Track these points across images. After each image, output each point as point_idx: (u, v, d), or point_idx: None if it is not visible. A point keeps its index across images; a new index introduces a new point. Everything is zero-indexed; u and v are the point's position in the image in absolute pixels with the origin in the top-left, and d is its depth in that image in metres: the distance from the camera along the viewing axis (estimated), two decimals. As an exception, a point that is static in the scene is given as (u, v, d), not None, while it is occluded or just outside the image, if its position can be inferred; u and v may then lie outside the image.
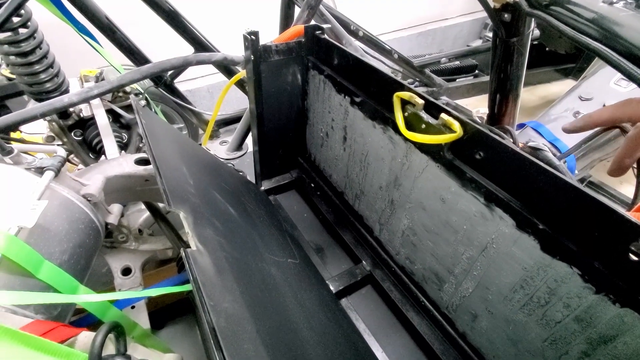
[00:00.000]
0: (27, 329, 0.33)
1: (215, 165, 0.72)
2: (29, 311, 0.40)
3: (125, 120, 0.98)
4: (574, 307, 0.36)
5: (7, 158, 0.51)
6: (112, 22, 1.03)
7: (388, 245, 0.64)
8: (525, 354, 0.43)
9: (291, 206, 0.83)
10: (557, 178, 0.34)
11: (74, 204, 0.53)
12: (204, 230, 0.40)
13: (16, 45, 0.76)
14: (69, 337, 0.35)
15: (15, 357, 0.28)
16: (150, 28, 1.29)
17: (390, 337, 0.59)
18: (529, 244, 0.38)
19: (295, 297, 0.49)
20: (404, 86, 0.48)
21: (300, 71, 0.71)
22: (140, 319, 0.63)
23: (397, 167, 0.54)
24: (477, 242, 0.44)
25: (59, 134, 0.90)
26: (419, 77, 1.47)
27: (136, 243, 0.75)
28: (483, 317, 0.47)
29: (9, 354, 0.28)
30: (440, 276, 0.53)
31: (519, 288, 0.40)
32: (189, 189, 0.47)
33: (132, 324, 0.52)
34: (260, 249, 0.52)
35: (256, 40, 0.62)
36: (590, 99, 1.13)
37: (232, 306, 0.32)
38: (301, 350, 0.39)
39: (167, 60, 0.74)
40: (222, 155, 1.03)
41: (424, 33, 2.83)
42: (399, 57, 1.37)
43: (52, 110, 0.64)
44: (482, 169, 0.41)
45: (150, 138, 0.48)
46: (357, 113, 0.60)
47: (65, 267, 0.46)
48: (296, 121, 0.79)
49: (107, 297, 0.43)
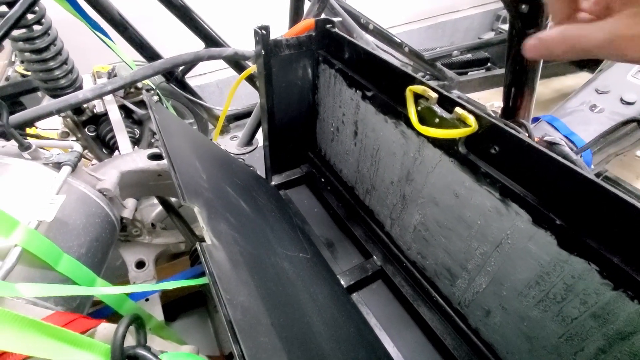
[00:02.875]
0: (48, 320, 0.34)
1: (226, 160, 0.73)
2: (49, 303, 0.42)
3: (137, 115, 0.99)
4: (591, 303, 0.36)
5: (25, 153, 0.52)
6: (125, 18, 1.04)
7: (399, 240, 0.64)
8: (539, 350, 0.43)
9: (301, 201, 0.84)
10: (576, 173, 0.33)
11: (91, 198, 0.54)
12: (218, 225, 0.41)
13: (31, 41, 0.77)
14: (89, 329, 0.36)
15: (39, 348, 0.29)
16: (162, 24, 1.29)
17: (401, 332, 0.59)
18: (545, 239, 0.37)
19: (308, 291, 0.49)
20: (417, 80, 0.47)
21: (311, 65, 0.71)
22: (155, 311, 0.64)
23: (409, 162, 0.54)
24: (491, 237, 0.44)
25: (73, 129, 0.92)
26: (430, 70, 1.45)
27: (150, 237, 0.76)
28: (496, 313, 0.47)
29: (33, 344, 0.29)
30: (452, 272, 0.53)
31: (535, 284, 0.40)
32: (202, 183, 0.47)
33: (147, 316, 0.53)
34: (272, 243, 0.53)
35: (267, 34, 0.62)
36: (607, 92, 1.10)
37: (248, 300, 0.33)
38: (315, 344, 0.39)
39: (179, 55, 0.75)
40: (233, 150, 1.03)
41: (434, 26, 2.79)
42: (409, 51, 1.36)
43: (68, 106, 0.65)
44: (498, 164, 0.41)
45: (164, 133, 0.48)
46: (369, 107, 0.59)
47: (83, 260, 0.48)
48: (306, 116, 0.79)
49: (125, 289, 0.44)
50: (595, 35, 0.23)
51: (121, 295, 0.48)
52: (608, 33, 0.22)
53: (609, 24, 0.23)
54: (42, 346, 0.29)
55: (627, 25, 0.22)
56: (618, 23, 0.22)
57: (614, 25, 0.22)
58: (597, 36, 0.23)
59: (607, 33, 0.22)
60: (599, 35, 0.23)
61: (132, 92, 0.98)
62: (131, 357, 0.27)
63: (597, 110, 1.03)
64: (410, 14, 2.66)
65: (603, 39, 0.23)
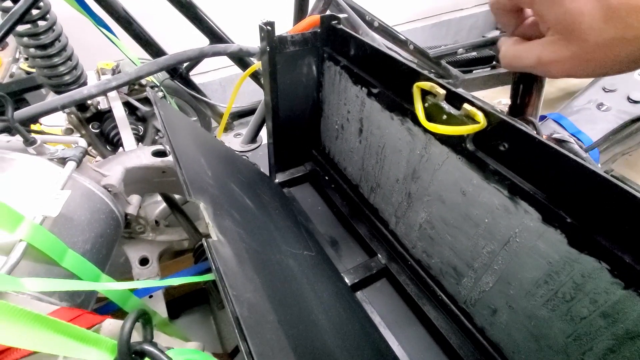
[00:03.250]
0: (54, 316, 0.34)
1: (231, 157, 0.73)
2: (54, 298, 0.42)
3: (141, 112, 0.99)
4: (601, 302, 0.35)
5: (30, 148, 0.52)
6: (129, 14, 1.04)
7: (404, 238, 0.63)
8: (546, 350, 0.42)
9: (305, 199, 0.83)
10: (588, 170, 0.33)
11: (95, 194, 0.54)
12: (223, 221, 0.40)
13: (36, 37, 0.77)
14: (94, 324, 0.35)
15: (44, 343, 0.29)
16: (167, 20, 1.29)
17: (406, 330, 0.59)
18: (555, 238, 0.37)
19: (313, 288, 0.49)
20: (424, 76, 0.47)
21: (316, 62, 0.71)
22: (158, 308, 0.64)
23: (415, 159, 0.53)
24: (499, 235, 0.43)
25: (78, 126, 0.92)
26: (434, 68, 1.44)
27: (153, 234, 0.76)
28: (503, 312, 0.46)
29: (38, 339, 0.29)
30: (458, 270, 0.52)
31: (543, 283, 0.40)
32: (207, 180, 0.47)
33: (152, 313, 0.53)
34: (277, 240, 0.53)
35: (272, 31, 0.61)
36: (614, 90, 1.09)
37: (254, 296, 0.32)
38: (320, 342, 0.39)
39: (183, 52, 0.75)
40: (236, 147, 1.03)
41: (438, 24, 2.78)
42: (414, 48, 1.35)
43: (72, 102, 0.65)
44: (507, 161, 0.40)
45: (169, 129, 0.48)
46: (374, 104, 0.59)
47: (87, 256, 0.47)
48: (311, 113, 0.78)
49: (130, 285, 0.44)
50: (527, 58, 0.27)
51: (126, 291, 0.48)
52: (536, 57, 0.26)
53: (536, 49, 0.26)
54: (48, 341, 0.29)
55: (550, 50, 0.25)
56: (543, 48, 0.25)
57: (540, 50, 0.26)
58: (529, 59, 0.27)
59: (535, 57, 0.26)
60: (530, 58, 0.26)
61: (136, 89, 0.98)
62: (138, 353, 0.27)
63: (604, 109, 1.02)
64: (415, 11, 2.65)
65: (533, 61, 0.26)
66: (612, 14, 0.22)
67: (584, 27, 0.23)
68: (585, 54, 0.23)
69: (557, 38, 0.25)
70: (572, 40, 0.23)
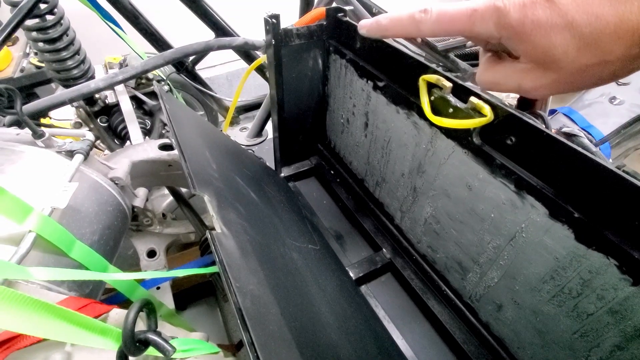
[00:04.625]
0: (62, 304, 0.35)
1: (236, 150, 0.73)
2: (62, 288, 0.42)
3: (148, 106, 1.00)
4: (609, 299, 0.35)
5: (39, 141, 0.53)
6: (136, 8, 1.04)
7: (409, 233, 0.63)
8: (552, 346, 0.42)
9: (310, 193, 0.83)
10: (597, 164, 0.32)
11: (103, 186, 0.54)
12: (227, 214, 0.41)
13: (44, 31, 0.78)
14: (101, 314, 0.36)
15: (53, 331, 0.30)
16: (172, 14, 1.29)
17: (410, 325, 0.59)
18: (562, 233, 0.36)
19: (317, 282, 0.49)
20: (430, 69, 0.46)
21: (321, 56, 0.70)
22: (165, 299, 0.65)
23: (421, 153, 0.53)
24: (505, 231, 0.43)
25: (86, 120, 0.93)
26: (442, 61, 1.41)
27: (160, 227, 0.77)
28: (508, 308, 0.46)
29: (47, 327, 0.30)
30: (463, 265, 0.52)
31: (549, 279, 0.39)
32: (212, 173, 0.47)
33: (159, 304, 0.54)
34: (281, 234, 0.53)
35: (277, 23, 0.61)
36: (628, 84, 1.06)
37: (257, 288, 0.33)
38: (323, 334, 0.39)
39: (189, 45, 0.75)
40: (242, 141, 1.03)
41: (447, 16, 2.73)
42: (422, 41, 1.33)
43: (80, 96, 0.66)
44: (514, 155, 0.39)
45: (175, 123, 0.48)
46: (380, 98, 0.58)
47: (95, 247, 0.48)
48: (316, 107, 0.78)
49: (137, 276, 0.45)
50: (507, 85, 0.28)
51: (133, 282, 0.49)
52: (516, 84, 0.27)
53: (515, 76, 0.27)
54: (57, 329, 0.30)
55: (529, 79, 0.25)
56: (521, 76, 0.26)
57: (519, 78, 0.26)
58: (508, 85, 0.27)
59: (515, 85, 0.26)
60: (509, 85, 0.27)
61: (143, 83, 0.98)
62: (142, 342, 0.27)
63: (617, 103, 0.99)
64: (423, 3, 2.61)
65: (513, 88, 0.27)
66: (586, 43, 0.21)
67: (558, 58, 0.23)
68: (565, 79, 0.23)
69: (532, 67, 0.24)
70: (548, 70, 0.23)
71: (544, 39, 0.22)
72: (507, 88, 0.27)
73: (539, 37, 0.23)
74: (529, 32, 0.23)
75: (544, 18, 0.22)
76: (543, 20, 0.22)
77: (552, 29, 0.22)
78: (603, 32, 0.21)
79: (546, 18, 0.22)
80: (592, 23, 0.21)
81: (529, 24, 0.23)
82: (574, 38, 0.21)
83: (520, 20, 0.23)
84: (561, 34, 0.22)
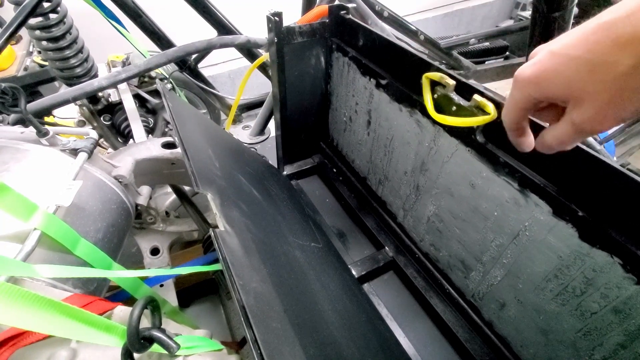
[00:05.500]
0: (67, 302, 0.35)
1: (239, 149, 0.73)
2: (67, 285, 0.43)
3: (151, 105, 1.00)
4: (612, 297, 0.35)
5: (43, 140, 0.53)
6: (138, 6, 1.04)
7: (412, 231, 0.63)
8: (555, 345, 0.42)
9: (313, 191, 0.83)
10: (601, 162, 0.32)
11: (106, 184, 0.54)
12: (230, 212, 0.41)
13: (47, 30, 0.78)
14: (106, 311, 0.36)
15: (58, 327, 0.30)
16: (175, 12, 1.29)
17: (412, 323, 0.59)
18: (566, 231, 0.36)
19: (319, 280, 0.49)
20: (433, 66, 0.46)
21: (324, 53, 0.70)
22: (169, 296, 0.65)
23: (424, 151, 0.53)
24: (508, 229, 0.43)
25: (89, 118, 0.93)
26: (445, 59, 1.41)
27: (164, 225, 0.77)
28: (511, 306, 0.46)
29: (53, 324, 0.30)
30: (466, 264, 0.52)
31: (553, 277, 0.39)
32: (215, 171, 0.47)
33: (162, 301, 0.54)
34: (284, 232, 0.53)
35: (280, 21, 0.61)
36: (633, 81, 1.05)
37: (260, 286, 0.33)
38: (326, 332, 0.39)
39: (192, 43, 0.75)
40: (245, 139, 1.03)
41: (450, 14, 2.72)
42: (425, 39, 1.32)
43: (83, 94, 0.66)
44: (517, 153, 0.39)
45: (178, 121, 0.48)
46: (383, 96, 0.58)
47: (99, 245, 0.48)
48: (319, 105, 0.78)
49: (141, 273, 0.45)
50: (565, 132, 0.29)
51: (137, 279, 0.49)
52: (573, 126, 0.28)
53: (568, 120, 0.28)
54: (62, 326, 0.30)
55: (580, 114, 0.27)
56: (573, 116, 0.27)
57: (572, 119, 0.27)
58: (567, 132, 0.28)
59: (573, 127, 0.28)
60: (569, 130, 0.28)
61: (146, 82, 0.98)
62: (146, 338, 0.27)
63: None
64: (426, 1, 2.60)
65: (572, 132, 0.28)
66: (591, 64, 0.24)
67: (581, 87, 0.25)
68: (605, 103, 0.25)
69: (573, 104, 0.27)
70: (585, 101, 0.26)
71: (559, 79, 0.26)
72: (568, 136, 0.29)
73: (554, 80, 0.26)
74: (544, 80, 0.27)
75: (549, 63, 0.27)
76: (549, 65, 0.27)
77: (559, 67, 0.26)
78: (602, 49, 0.23)
79: (550, 62, 0.27)
80: (590, 46, 0.24)
81: (541, 73, 0.27)
82: (580, 64, 0.25)
83: (533, 73, 0.28)
84: (568, 66, 0.25)
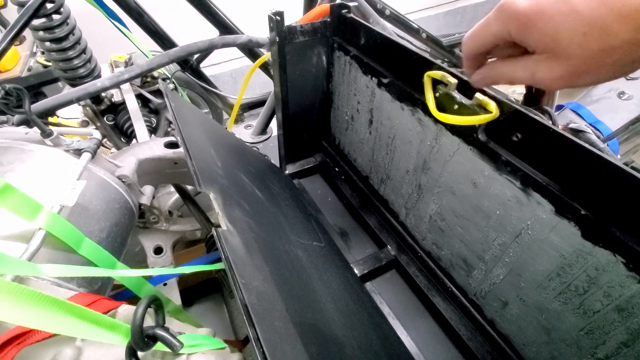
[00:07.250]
0: (72, 300, 0.35)
1: (241, 148, 0.73)
2: (72, 285, 0.43)
3: (154, 105, 1.01)
4: (615, 296, 0.34)
5: (47, 140, 0.53)
6: (140, 6, 1.04)
7: (414, 230, 0.63)
8: (558, 343, 0.42)
9: (315, 190, 0.84)
10: (604, 160, 0.32)
11: (110, 184, 0.55)
12: (232, 211, 0.41)
13: (50, 31, 0.78)
14: (110, 310, 0.37)
15: (63, 326, 0.30)
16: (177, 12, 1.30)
17: (415, 321, 0.59)
18: (568, 230, 0.36)
19: (321, 278, 0.49)
20: (435, 65, 0.46)
21: (326, 52, 0.70)
22: (172, 295, 0.66)
23: (426, 150, 0.53)
24: (510, 228, 0.43)
25: (93, 118, 0.94)
26: (448, 57, 1.40)
27: (167, 224, 0.78)
28: (514, 305, 0.46)
29: (58, 322, 0.30)
30: (469, 262, 0.52)
31: (555, 276, 0.39)
32: (217, 170, 0.48)
33: (166, 300, 0.55)
34: (286, 231, 0.53)
35: (281, 20, 0.61)
36: (637, 78, 1.04)
37: (263, 285, 0.33)
38: (328, 330, 0.39)
39: (194, 43, 0.75)
40: (247, 139, 1.04)
41: (452, 11, 2.70)
42: (427, 37, 1.32)
43: (86, 95, 0.66)
44: (520, 152, 0.39)
45: (180, 121, 0.49)
46: (385, 95, 0.58)
47: (103, 244, 0.49)
48: (321, 104, 0.78)
49: (144, 272, 0.46)
50: (521, 75, 0.27)
51: (140, 278, 0.50)
52: (531, 74, 0.26)
53: (530, 67, 0.26)
54: (67, 325, 0.31)
55: (542, 68, 0.25)
56: (538, 66, 0.25)
57: (533, 67, 0.26)
58: (523, 75, 0.27)
59: (530, 74, 0.26)
60: (524, 75, 0.27)
61: (149, 82, 0.99)
62: (150, 337, 0.28)
63: (626, 98, 0.98)
64: None
65: (527, 78, 0.27)
66: (590, 27, 0.22)
67: (566, 45, 0.23)
68: (577, 69, 0.23)
69: (544, 57, 0.25)
70: (559, 58, 0.24)
71: (549, 25, 0.23)
72: (520, 79, 0.27)
73: (544, 25, 0.23)
74: (535, 21, 0.24)
75: (547, 5, 0.23)
76: (547, 7, 0.23)
77: (556, 15, 0.23)
78: (607, 16, 0.21)
79: (549, 5, 0.23)
80: (596, 7, 0.21)
81: (534, 13, 0.24)
82: (579, 23, 0.22)
83: (526, 9, 0.24)
84: (566, 19, 0.22)
